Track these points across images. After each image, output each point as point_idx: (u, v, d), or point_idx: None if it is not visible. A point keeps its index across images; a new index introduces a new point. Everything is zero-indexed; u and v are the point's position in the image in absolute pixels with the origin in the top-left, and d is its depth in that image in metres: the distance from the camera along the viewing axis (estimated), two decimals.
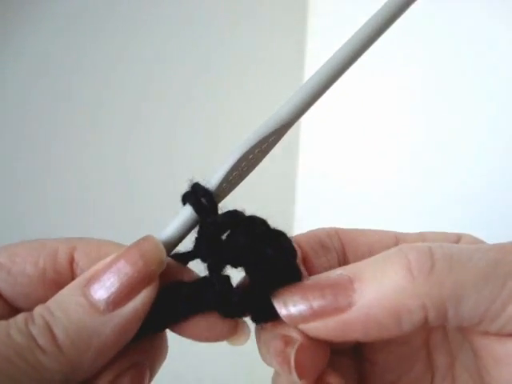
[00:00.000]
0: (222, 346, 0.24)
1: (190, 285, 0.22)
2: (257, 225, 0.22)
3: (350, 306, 0.20)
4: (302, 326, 0.21)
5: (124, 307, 0.20)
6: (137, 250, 0.20)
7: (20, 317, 0.19)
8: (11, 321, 0.19)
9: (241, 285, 0.23)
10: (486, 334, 0.21)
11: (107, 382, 0.21)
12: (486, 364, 0.22)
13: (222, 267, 0.22)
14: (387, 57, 0.72)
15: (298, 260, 0.22)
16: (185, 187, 0.23)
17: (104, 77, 0.60)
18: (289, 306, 0.21)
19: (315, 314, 0.20)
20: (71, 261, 0.22)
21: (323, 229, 0.26)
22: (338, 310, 0.20)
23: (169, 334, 0.24)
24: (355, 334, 0.21)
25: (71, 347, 0.19)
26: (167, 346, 0.24)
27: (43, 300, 0.20)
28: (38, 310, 0.20)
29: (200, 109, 0.67)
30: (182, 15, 0.66)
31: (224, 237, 0.22)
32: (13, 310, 0.21)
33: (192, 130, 0.67)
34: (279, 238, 0.22)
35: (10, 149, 0.54)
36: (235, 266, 0.22)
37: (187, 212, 0.22)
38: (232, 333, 0.23)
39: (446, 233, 0.25)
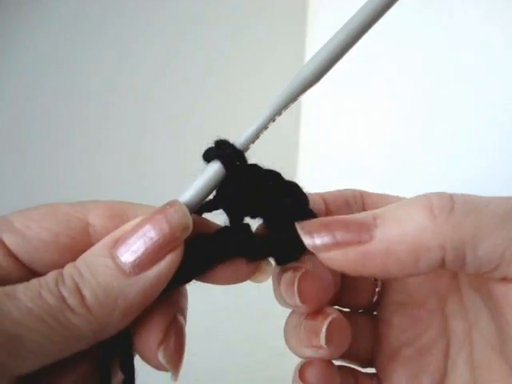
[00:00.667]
0: (222, 346, 0.25)
1: (213, 235, 0.23)
2: (274, 177, 0.24)
3: (371, 238, 0.21)
4: (323, 255, 0.22)
5: (149, 271, 0.20)
6: (163, 216, 0.21)
7: (50, 277, 0.20)
8: (42, 281, 0.20)
9: (258, 232, 0.25)
10: (505, 280, 0.21)
11: (158, 342, 0.22)
12: (506, 313, 0.21)
13: (243, 217, 0.24)
14: (386, 41, 0.72)
15: (311, 206, 0.24)
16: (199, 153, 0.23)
17: (110, 68, 0.60)
18: (315, 239, 0.22)
19: (337, 244, 0.21)
20: (86, 225, 0.23)
21: (349, 189, 0.27)
22: (359, 241, 0.21)
23: None
24: (373, 268, 0.21)
25: (99, 308, 0.20)
26: (186, 290, 0.25)
27: (58, 263, 0.21)
28: (68, 270, 0.20)
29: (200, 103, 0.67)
30: (183, 14, 0.66)
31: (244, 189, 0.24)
32: (30, 271, 0.22)
33: (192, 126, 0.67)
34: (293, 188, 0.24)
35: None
36: (254, 216, 0.24)
37: (214, 169, 0.23)
38: (255, 272, 0.24)
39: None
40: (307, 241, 0.22)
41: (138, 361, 0.24)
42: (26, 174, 0.57)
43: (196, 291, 0.25)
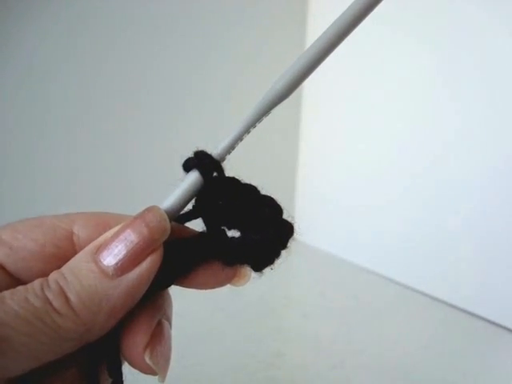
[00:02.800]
0: (222, 346, 0.25)
1: (190, 240, 0.24)
2: (251, 190, 0.25)
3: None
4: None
5: (131, 273, 0.21)
6: (142, 220, 0.22)
7: (36, 282, 0.21)
8: (28, 286, 0.21)
9: (235, 239, 0.25)
10: None
11: (144, 345, 0.23)
12: None
13: (220, 225, 0.25)
14: (387, 34, 0.72)
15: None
16: (186, 157, 0.25)
17: (99, 58, 0.60)
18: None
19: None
20: (70, 235, 0.24)
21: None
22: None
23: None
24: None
25: (84, 309, 0.21)
26: (170, 296, 0.26)
27: (44, 273, 0.22)
28: (53, 276, 0.21)
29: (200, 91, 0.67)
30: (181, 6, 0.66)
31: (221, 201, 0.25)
32: (17, 282, 0.22)
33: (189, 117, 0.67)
34: (269, 200, 0.25)
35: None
36: (231, 226, 0.25)
37: (193, 178, 0.24)
38: (234, 277, 0.25)
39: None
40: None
41: (126, 366, 0.24)
42: (23, 176, 0.57)
43: (196, 291, 0.25)
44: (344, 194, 0.82)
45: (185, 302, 0.30)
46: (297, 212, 0.87)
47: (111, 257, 0.21)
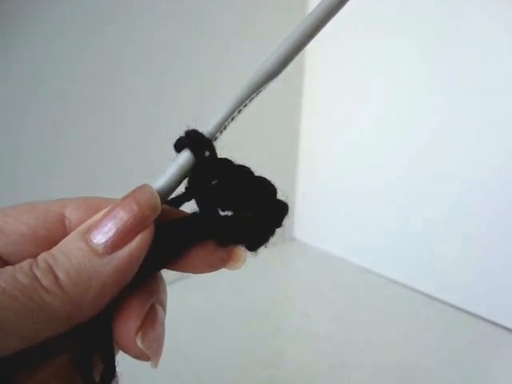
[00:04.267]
0: (222, 346, 0.25)
1: (182, 220, 0.24)
2: (245, 171, 0.24)
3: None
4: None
5: (121, 250, 0.21)
6: (132, 198, 0.22)
7: (25, 262, 0.21)
8: (17, 265, 0.20)
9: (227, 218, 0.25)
10: None
11: (136, 328, 0.22)
12: None
13: (213, 205, 0.24)
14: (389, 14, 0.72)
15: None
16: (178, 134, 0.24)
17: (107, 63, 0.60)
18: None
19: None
20: (62, 218, 0.24)
21: None
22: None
23: (168, 336, 0.24)
24: None
25: (72, 287, 0.20)
26: (165, 282, 0.26)
27: (35, 256, 0.22)
28: (42, 255, 0.21)
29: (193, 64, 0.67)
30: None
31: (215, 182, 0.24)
32: (6, 265, 0.22)
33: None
34: (263, 181, 0.24)
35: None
36: (225, 207, 0.24)
37: (184, 157, 0.24)
38: (228, 259, 0.24)
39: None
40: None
41: (120, 354, 0.24)
42: (22, 173, 0.57)
43: (196, 291, 0.25)
44: (344, 194, 0.82)
45: (185, 301, 0.30)
46: (296, 212, 0.87)
47: (101, 235, 0.21)
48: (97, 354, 0.23)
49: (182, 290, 0.26)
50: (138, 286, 0.23)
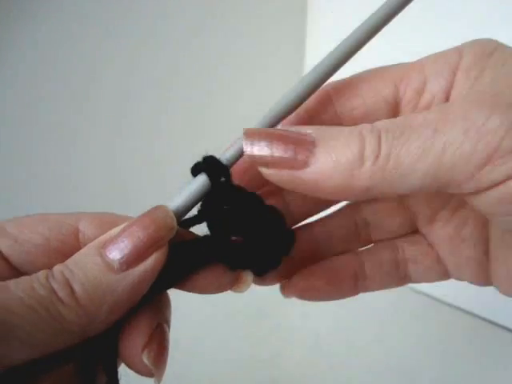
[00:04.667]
0: (222, 346, 0.25)
1: (193, 242, 0.25)
2: (256, 199, 0.25)
3: (304, 165, 0.21)
4: (262, 170, 0.23)
5: (136, 268, 0.21)
6: (149, 217, 0.22)
7: (41, 273, 0.21)
8: (33, 276, 0.21)
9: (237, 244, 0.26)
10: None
11: (142, 345, 0.23)
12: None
13: (224, 229, 0.25)
14: None
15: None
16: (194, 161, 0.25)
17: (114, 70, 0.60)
18: (254, 147, 0.22)
19: (273, 162, 0.22)
20: (76, 231, 0.24)
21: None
22: (293, 166, 0.22)
23: (170, 335, 0.24)
24: (306, 191, 0.23)
25: (88, 301, 0.21)
26: (170, 299, 0.26)
27: (48, 267, 0.22)
28: (58, 267, 0.21)
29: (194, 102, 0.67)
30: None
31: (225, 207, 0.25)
32: (19, 275, 0.22)
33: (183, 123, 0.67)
34: (272, 209, 0.25)
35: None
36: (233, 233, 0.25)
37: (200, 181, 0.24)
38: (235, 282, 0.25)
39: (446, 53, 0.25)
40: (247, 148, 0.22)
41: (122, 367, 0.24)
42: (25, 175, 0.57)
43: None
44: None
45: (184, 301, 0.30)
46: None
47: (117, 251, 0.21)
48: (100, 365, 0.24)
49: (181, 290, 0.27)
50: (147, 304, 0.24)
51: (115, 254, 0.21)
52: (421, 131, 0.20)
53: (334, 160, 0.21)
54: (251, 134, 0.23)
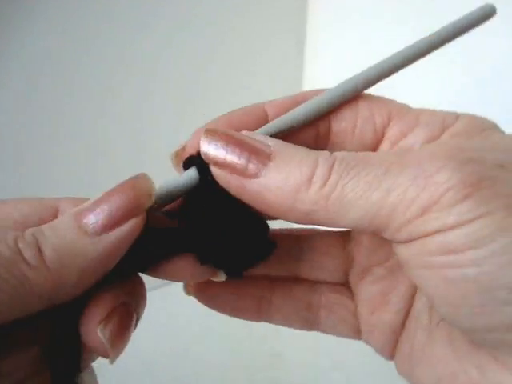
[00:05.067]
0: (222, 346, 0.25)
1: (171, 228, 0.24)
2: (243, 204, 0.24)
3: (253, 176, 0.21)
4: (214, 169, 0.22)
5: (111, 233, 0.21)
6: (128, 183, 0.22)
7: (10, 234, 0.20)
8: (2, 236, 0.20)
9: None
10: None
11: (100, 317, 0.22)
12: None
13: (204, 226, 0.24)
14: None
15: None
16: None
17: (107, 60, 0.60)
18: (210, 146, 0.22)
19: (224, 164, 0.22)
20: (55, 211, 0.23)
21: (312, 91, 0.27)
22: (243, 173, 0.21)
23: (168, 337, 0.24)
24: (249, 201, 0.22)
25: (57, 263, 0.20)
26: (146, 292, 0.25)
27: None
28: (30, 230, 0.21)
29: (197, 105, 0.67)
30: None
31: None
32: None
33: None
34: (257, 215, 0.24)
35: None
36: (212, 232, 0.24)
37: (190, 174, 0.24)
38: (207, 276, 0.25)
39: (445, 113, 0.25)
40: (203, 145, 0.22)
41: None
42: (23, 172, 0.57)
43: None
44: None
45: (184, 301, 0.30)
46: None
47: (92, 215, 0.21)
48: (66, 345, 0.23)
49: (181, 290, 0.27)
50: (115, 282, 0.23)
51: (90, 217, 0.21)
52: (373, 169, 0.20)
53: (282, 178, 0.21)
54: (211, 133, 0.22)
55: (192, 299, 0.29)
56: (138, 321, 0.24)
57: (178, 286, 0.27)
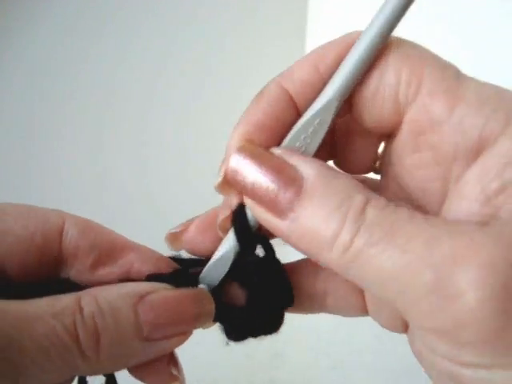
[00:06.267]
0: (222, 346, 0.26)
1: (170, 275, 0.24)
2: (273, 265, 0.24)
3: (282, 214, 0.19)
4: (243, 192, 0.20)
5: (161, 342, 0.21)
6: (195, 302, 0.23)
7: (68, 309, 0.19)
8: (59, 312, 0.19)
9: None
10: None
11: (167, 360, 0.24)
12: None
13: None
14: None
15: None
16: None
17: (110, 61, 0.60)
18: (240, 166, 0.20)
19: (252, 194, 0.19)
20: (60, 230, 0.23)
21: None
22: (272, 208, 0.19)
23: None
24: (271, 232, 0.21)
25: (109, 361, 0.20)
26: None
27: (27, 261, 0.21)
28: (89, 307, 0.20)
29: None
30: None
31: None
32: None
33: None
34: (282, 272, 0.25)
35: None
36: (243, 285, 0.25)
37: (230, 244, 0.23)
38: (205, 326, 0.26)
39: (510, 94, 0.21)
40: (231, 163, 0.20)
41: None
42: (24, 174, 0.57)
43: None
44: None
45: None
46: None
47: (152, 314, 0.21)
48: None
49: None
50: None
51: (149, 316, 0.20)
52: (395, 246, 0.18)
53: (309, 227, 0.19)
54: (246, 153, 0.20)
55: None
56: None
57: None
